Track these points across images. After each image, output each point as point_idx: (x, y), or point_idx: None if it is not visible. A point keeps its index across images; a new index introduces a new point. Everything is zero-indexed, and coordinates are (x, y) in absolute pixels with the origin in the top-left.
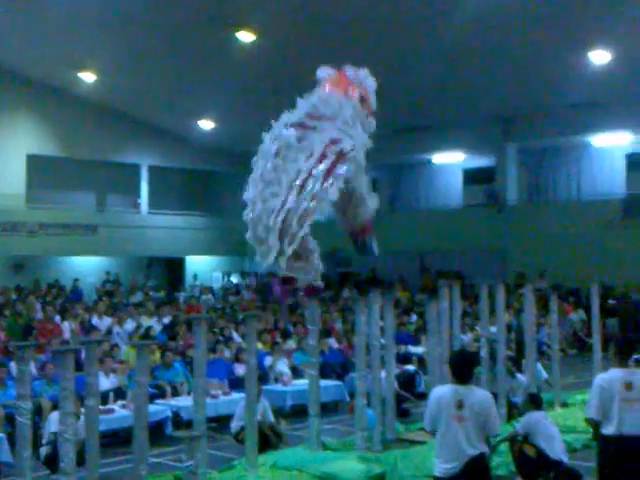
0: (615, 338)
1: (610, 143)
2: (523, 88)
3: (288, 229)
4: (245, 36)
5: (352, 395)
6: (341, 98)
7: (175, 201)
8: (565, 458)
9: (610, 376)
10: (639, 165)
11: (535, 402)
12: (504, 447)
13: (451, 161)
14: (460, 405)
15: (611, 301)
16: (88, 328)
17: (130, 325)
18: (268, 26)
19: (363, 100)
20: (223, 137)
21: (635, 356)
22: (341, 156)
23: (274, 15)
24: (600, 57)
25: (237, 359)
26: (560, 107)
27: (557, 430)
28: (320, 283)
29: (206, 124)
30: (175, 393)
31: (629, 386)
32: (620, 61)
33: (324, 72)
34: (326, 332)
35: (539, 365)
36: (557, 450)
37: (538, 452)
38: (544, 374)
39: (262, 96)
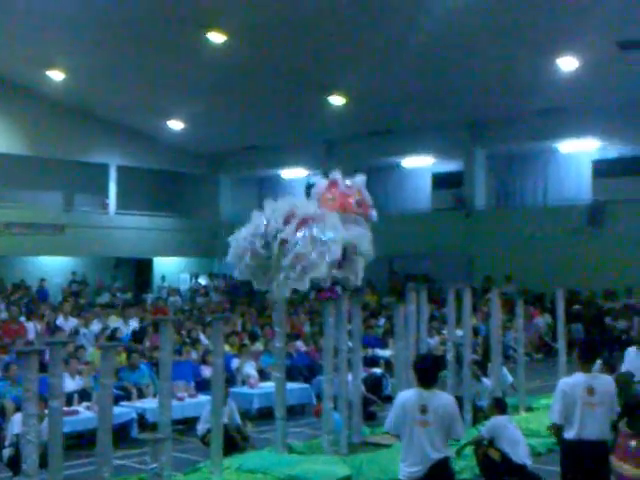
0: (578, 343)
1: (577, 149)
2: (492, 94)
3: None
4: (216, 37)
5: (319, 398)
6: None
7: (144, 202)
8: (529, 462)
9: (573, 381)
10: (605, 171)
11: (500, 406)
12: (469, 451)
13: (420, 165)
14: (424, 409)
15: (576, 306)
16: (53, 329)
17: (96, 326)
18: (239, 27)
19: (360, 204)
20: (193, 138)
21: (599, 361)
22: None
23: (245, 16)
24: (568, 64)
25: (204, 361)
26: (528, 113)
27: (521, 434)
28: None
29: (176, 125)
30: (141, 395)
31: (591, 391)
32: (587, 68)
33: (318, 187)
34: (294, 335)
35: (504, 369)
36: (521, 454)
37: (502, 456)
38: (509, 378)
39: (232, 98)
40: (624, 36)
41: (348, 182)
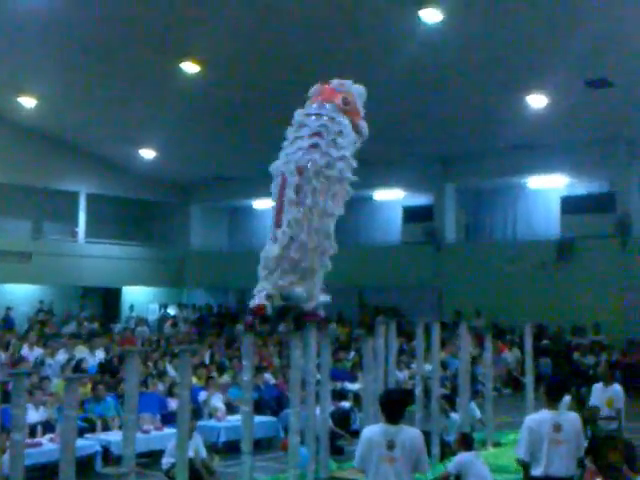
0: (545, 380)
1: (546, 185)
2: (463, 129)
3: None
4: (189, 67)
5: (287, 431)
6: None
7: (113, 230)
8: None
9: (539, 417)
10: (573, 208)
11: (466, 442)
12: None
13: (391, 198)
14: (391, 445)
15: (545, 341)
16: (17, 359)
17: (62, 356)
18: (213, 58)
19: (347, 103)
20: (164, 167)
21: (567, 397)
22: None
23: (219, 48)
24: (537, 101)
25: (171, 393)
26: (498, 148)
27: (488, 471)
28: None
29: (147, 153)
30: (106, 427)
31: (558, 427)
32: (556, 105)
33: (313, 90)
34: (263, 367)
35: (473, 404)
36: None
37: None
38: (478, 413)
39: (204, 128)
40: (592, 75)
41: (341, 82)
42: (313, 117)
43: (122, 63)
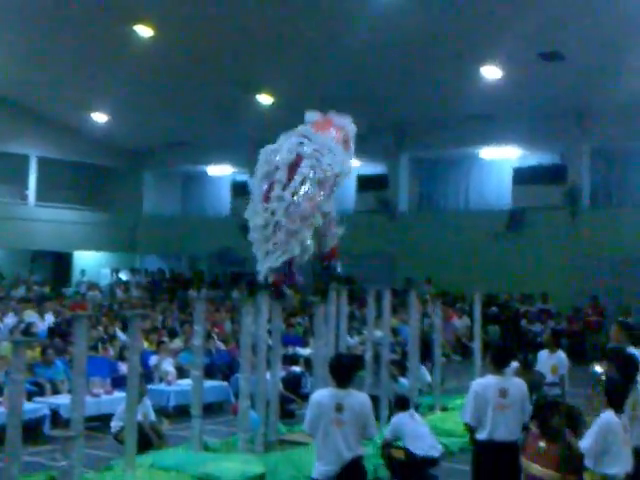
0: (491, 346)
1: (498, 156)
2: (417, 99)
3: None
4: (143, 31)
5: (237, 396)
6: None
7: (65, 194)
8: (436, 453)
9: (485, 382)
10: (524, 178)
11: (400, 403)
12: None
13: None
14: (339, 408)
15: (493, 309)
16: None
17: (11, 320)
18: (167, 22)
19: (345, 142)
20: (117, 132)
21: (514, 363)
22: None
23: (173, 11)
24: (491, 73)
25: (121, 358)
26: (452, 119)
27: (425, 427)
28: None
29: (100, 117)
30: (56, 391)
31: (503, 393)
32: (510, 77)
33: (312, 116)
34: (215, 333)
35: (424, 369)
36: (425, 447)
37: (407, 454)
38: (428, 378)
39: (158, 93)
40: (546, 48)
41: (341, 120)
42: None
43: (76, 24)
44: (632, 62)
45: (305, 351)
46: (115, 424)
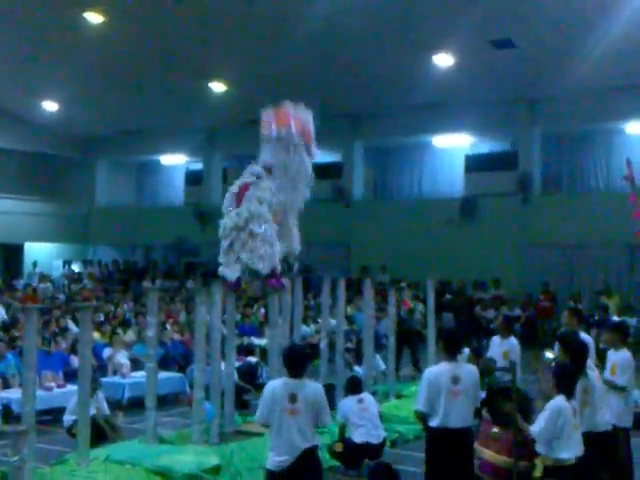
0: (443, 333)
1: (450, 144)
2: (371, 87)
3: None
4: (93, 17)
5: (193, 387)
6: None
7: (15, 185)
8: (374, 440)
9: (438, 370)
10: (476, 166)
11: (351, 386)
12: None
13: None
14: (293, 398)
15: (447, 296)
16: None
17: None
18: (117, 8)
19: (304, 132)
20: (68, 120)
21: (467, 350)
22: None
23: None
24: (443, 60)
25: (74, 351)
26: (405, 107)
27: (372, 414)
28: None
29: (50, 106)
30: (7, 385)
31: (455, 379)
32: (462, 65)
33: (268, 115)
34: (171, 324)
35: (378, 357)
36: (363, 434)
37: (344, 444)
38: (382, 365)
39: (109, 81)
40: (496, 35)
41: (295, 108)
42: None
43: (25, 13)
44: (582, 48)
45: (260, 341)
46: (68, 418)
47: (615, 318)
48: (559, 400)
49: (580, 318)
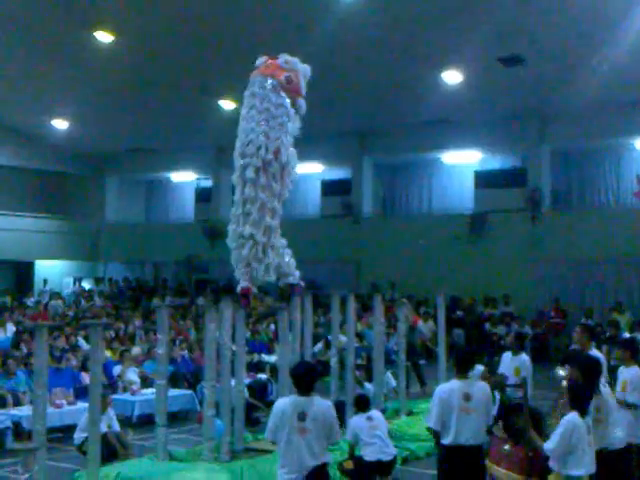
0: (455, 350)
1: (460, 160)
2: (380, 104)
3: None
4: (103, 36)
5: (203, 404)
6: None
7: (25, 202)
8: (385, 457)
9: (449, 387)
10: (486, 182)
11: (359, 404)
12: None
13: (310, 172)
14: (302, 417)
15: (458, 312)
16: None
17: None
18: (127, 27)
19: (289, 81)
20: (78, 138)
21: (478, 366)
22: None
23: (134, 17)
24: (452, 77)
25: (84, 368)
26: (414, 124)
27: (382, 431)
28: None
29: (60, 124)
30: (17, 402)
31: (467, 397)
32: (471, 82)
33: (260, 60)
34: (181, 340)
35: (388, 373)
36: (375, 452)
37: (355, 462)
38: (393, 382)
39: (119, 98)
40: (505, 52)
41: (288, 59)
42: (258, 98)
43: (35, 30)
44: (590, 65)
45: (270, 358)
46: (78, 435)
47: (626, 334)
48: (573, 416)
49: (591, 334)
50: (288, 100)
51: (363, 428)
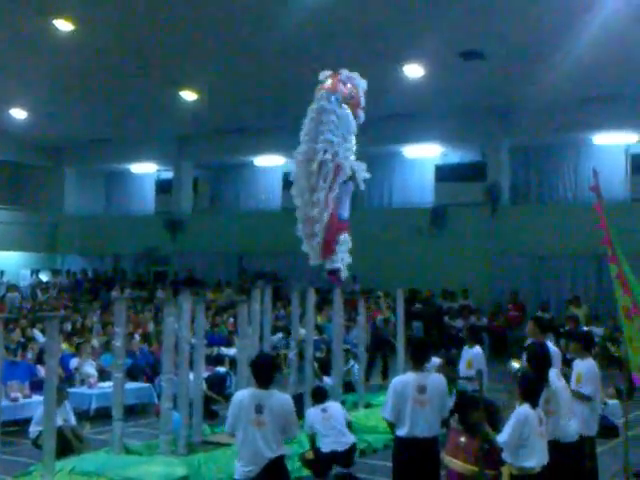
0: (411, 342)
1: (421, 154)
2: None
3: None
4: (63, 25)
5: (160, 397)
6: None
7: None
8: (340, 448)
9: (404, 379)
10: (446, 176)
11: (315, 395)
12: None
13: (271, 164)
14: (260, 409)
15: (417, 305)
16: None
17: None
18: (87, 16)
19: (352, 96)
20: (36, 128)
21: (435, 359)
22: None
23: (93, 4)
24: (413, 71)
25: (40, 361)
26: (375, 118)
27: (338, 422)
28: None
29: (18, 113)
30: None
31: (422, 389)
32: (432, 76)
33: (323, 75)
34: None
35: (357, 366)
36: (330, 443)
37: (314, 453)
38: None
39: (78, 89)
40: (467, 47)
41: (349, 75)
42: (325, 112)
43: None
44: (551, 60)
45: (230, 351)
46: (34, 429)
47: (584, 328)
48: (524, 408)
49: (543, 327)
50: (349, 112)
51: (318, 420)
